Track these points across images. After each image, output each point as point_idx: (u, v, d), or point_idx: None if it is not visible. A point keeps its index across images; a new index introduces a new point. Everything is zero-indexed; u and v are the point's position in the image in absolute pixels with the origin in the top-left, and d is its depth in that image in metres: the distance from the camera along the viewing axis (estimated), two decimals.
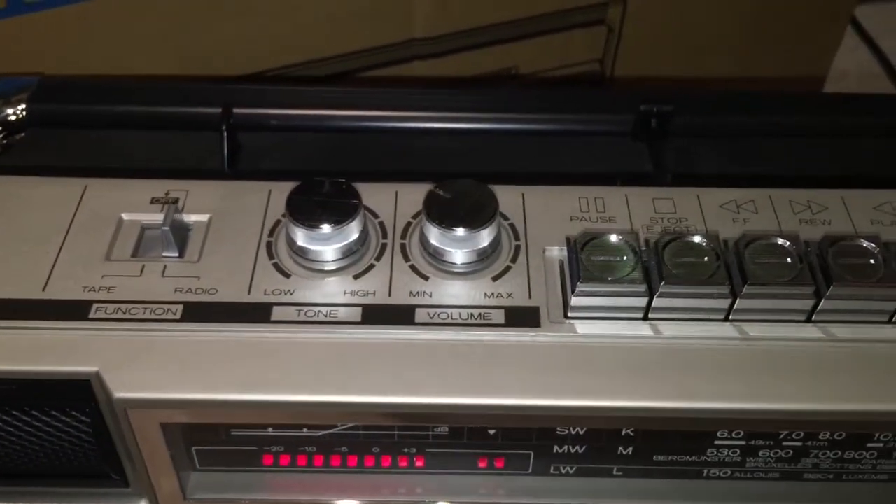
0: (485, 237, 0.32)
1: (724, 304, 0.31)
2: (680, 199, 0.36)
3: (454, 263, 0.33)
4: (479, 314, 0.32)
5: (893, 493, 0.35)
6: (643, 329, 0.31)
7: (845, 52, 0.95)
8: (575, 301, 0.31)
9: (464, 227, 0.32)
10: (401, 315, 0.31)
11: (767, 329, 0.31)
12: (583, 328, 0.31)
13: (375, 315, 0.31)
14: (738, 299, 0.31)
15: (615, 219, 0.35)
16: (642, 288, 0.31)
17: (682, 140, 0.39)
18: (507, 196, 0.35)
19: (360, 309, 0.32)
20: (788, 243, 0.31)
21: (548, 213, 0.35)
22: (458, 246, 0.32)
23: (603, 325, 0.31)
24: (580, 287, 0.31)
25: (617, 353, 0.31)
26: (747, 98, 0.40)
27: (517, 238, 0.34)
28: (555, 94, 0.41)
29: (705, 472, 0.34)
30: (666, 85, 0.67)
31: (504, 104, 0.40)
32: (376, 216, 0.35)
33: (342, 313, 0.32)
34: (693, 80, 0.70)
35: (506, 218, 0.35)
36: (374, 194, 0.35)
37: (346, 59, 0.57)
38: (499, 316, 0.32)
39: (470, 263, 0.33)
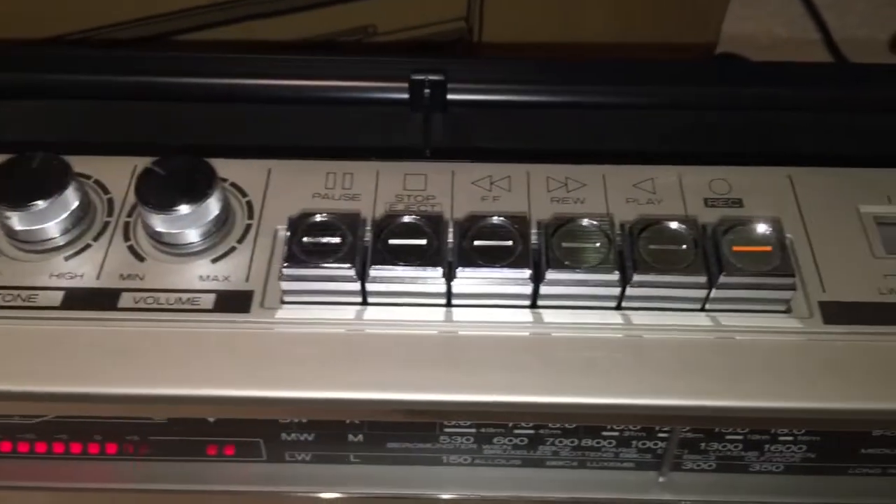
0: (202, 216, 0.31)
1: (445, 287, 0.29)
2: (434, 174, 0.34)
3: (172, 244, 0.31)
4: (189, 299, 0.30)
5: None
6: (348, 313, 0.29)
7: (788, 19, 0.94)
8: (285, 286, 0.30)
9: (174, 205, 0.30)
10: (104, 299, 0.30)
11: (573, 315, 0.29)
12: (296, 314, 0.30)
13: (78, 299, 0.30)
14: (540, 285, 0.29)
15: (360, 196, 0.33)
16: (351, 272, 0.29)
17: (458, 111, 0.38)
18: (252, 171, 0.34)
19: (62, 293, 0.30)
20: (598, 223, 0.29)
21: (291, 190, 0.33)
22: (173, 226, 0.30)
23: (318, 309, 0.29)
24: (286, 271, 0.29)
25: (327, 341, 0.29)
26: (526, 67, 0.38)
27: (251, 216, 0.33)
28: (331, 60, 0.39)
29: (444, 458, 0.33)
30: (533, 51, 0.65)
31: (276, 69, 0.38)
32: (107, 192, 0.33)
33: (42, 297, 0.30)
34: (570, 46, 0.68)
35: (244, 195, 0.33)
36: (110, 168, 0.33)
37: (163, 20, 0.54)
38: (208, 301, 0.30)
39: (189, 244, 0.31)
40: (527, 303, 0.30)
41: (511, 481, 0.33)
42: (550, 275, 0.29)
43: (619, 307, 0.30)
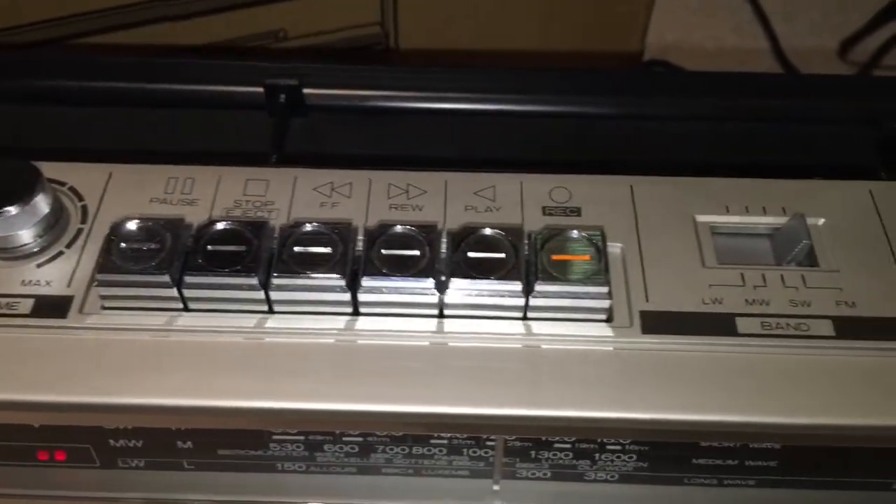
0: (26, 219, 0.30)
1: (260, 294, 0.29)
2: (276, 180, 0.34)
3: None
4: (7, 303, 0.30)
5: None
6: (164, 319, 0.29)
7: (737, 26, 0.94)
8: (101, 291, 0.29)
9: None
10: None
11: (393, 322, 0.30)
12: (114, 320, 0.30)
13: None
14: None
15: (197, 201, 0.33)
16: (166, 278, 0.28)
17: (315, 116, 0.38)
18: (92, 175, 0.33)
19: None
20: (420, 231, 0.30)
21: (130, 194, 0.33)
22: None
23: (136, 315, 0.29)
24: (100, 277, 0.29)
25: (142, 347, 0.29)
26: (382, 73, 0.38)
27: (84, 221, 0.33)
28: (189, 64, 0.39)
29: (279, 465, 0.33)
30: (450, 57, 0.65)
31: (137, 73, 0.38)
32: None
33: None
34: (491, 53, 0.68)
35: (80, 199, 0.33)
36: None
37: (68, 23, 0.54)
38: (27, 306, 0.30)
39: (14, 248, 0.30)
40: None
41: (346, 489, 0.33)
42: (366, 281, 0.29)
43: (441, 315, 0.30)
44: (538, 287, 0.29)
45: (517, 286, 0.29)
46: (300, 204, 0.33)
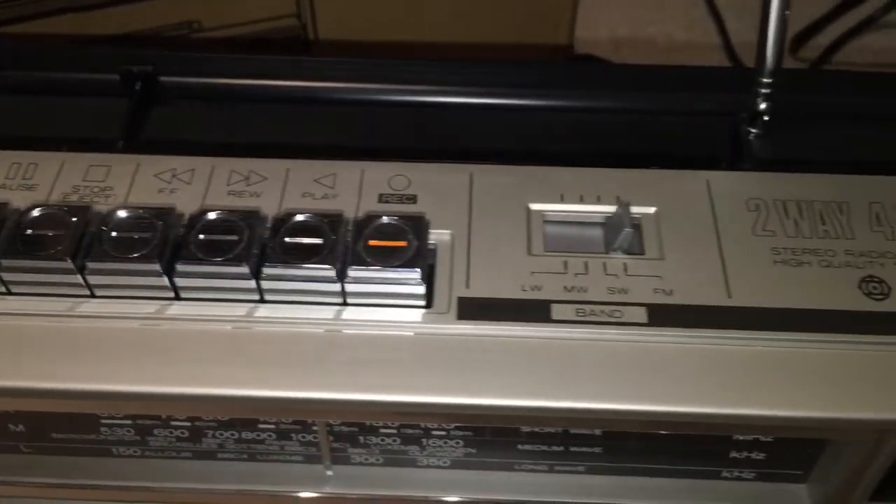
0: None
1: None
2: (119, 166, 0.34)
3: None
4: None
5: None
6: None
7: (690, 22, 0.94)
8: None
9: None
10: None
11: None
12: None
13: None
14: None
15: (36, 186, 0.33)
16: None
17: (175, 103, 0.38)
18: None
19: None
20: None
21: None
22: None
23: None
24: None
25: None
26: (238, 61, 0.38)
27: None
28: (45, 49, 0.39)
29: (114, 450, 0.33)
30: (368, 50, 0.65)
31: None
32: None
33: None
34: (414, 46, 0.68)
35: None
36: None
37: None
38: None
39: None
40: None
41: (181, 473, 0.33)
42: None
43: (262, 300, 0.30)
44: (351, 272, 0.29)
45: (330, 271, 0.29)
46: (138, 190, 0.33)
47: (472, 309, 0.30)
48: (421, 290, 0.29)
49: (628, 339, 0.29)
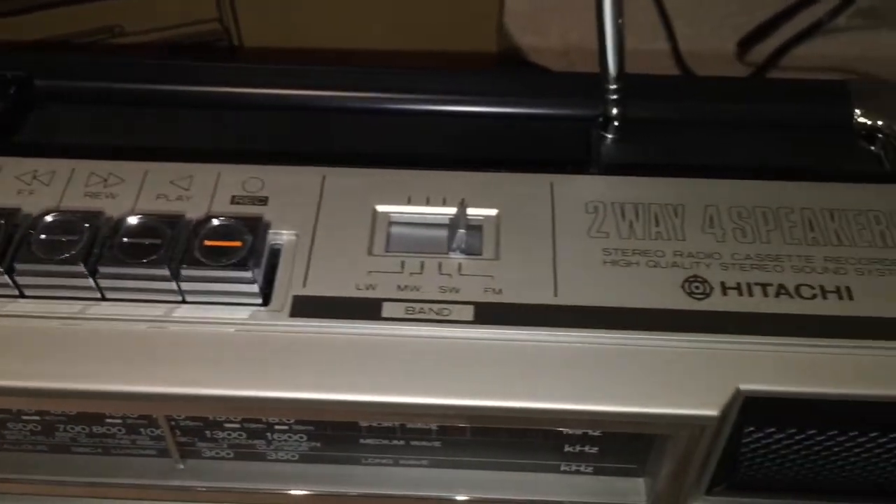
0: None
1: None
2: None
3: None
4: None
5: None
6: None
7: (640, 28, 0.95)
8: None
9: None
10: None
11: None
12: None
13: None
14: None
15: None
16: None
17: (47, 106, 0.39)
18: None
19: None
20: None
21: None
22: None
23: None
24: None
25: None
26: (111, 64, 0.39)
27: None
28: None
29: None
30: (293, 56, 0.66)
31: None
32: None
33: None
34: (342, 53, 0.69)
35: None
36: None
37: None
38: None
39: None
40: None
41: (33, 466, 0.34)
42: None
43: (104, 298, 0.31)
44: (184, 271, 0.30)
45: (164, 271, 0.30)
46: None
47: (305, 307, 0.31)
48: (253, 288, 0.30)
49: (454, 336, 0.30)
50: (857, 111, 0.39)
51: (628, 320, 0.31)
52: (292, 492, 0.34)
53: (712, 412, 0.29)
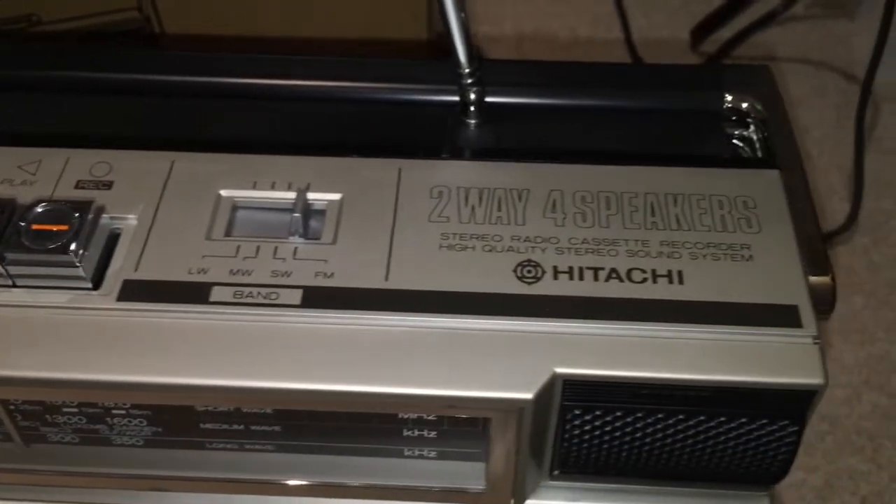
0: None
1: None
2: None
3: None
4: None
5: None
6: None
7: (595, 17, 0.95)
8: None
9: None
10: None
11: None
12: None
13: None
14: None
15: None
16: None
17: None
18: None
19: None
20: None
21: None
22: None
23: None
24: None
25: None
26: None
27: None
28: None
29: None
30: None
31: None
32: None
33: None
34: (269, 40, 0.69)
35: None
36: None
37: None
38: None
39: None
40: None
41: None
42: None
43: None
44: (10, 256, 0.30)
45: None
46: None
47: (134, 291, 0.31)
48: (79, 272, 0.30)
49: (279, 319, 0.30)
50: (728, 96, 0.39)
51: (456, 304, 0.31)
52: (137, 472, 0.34)
53: (526, 395, 0.29)
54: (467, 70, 0.35)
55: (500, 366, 0.29)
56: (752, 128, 0.39)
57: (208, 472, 0.34)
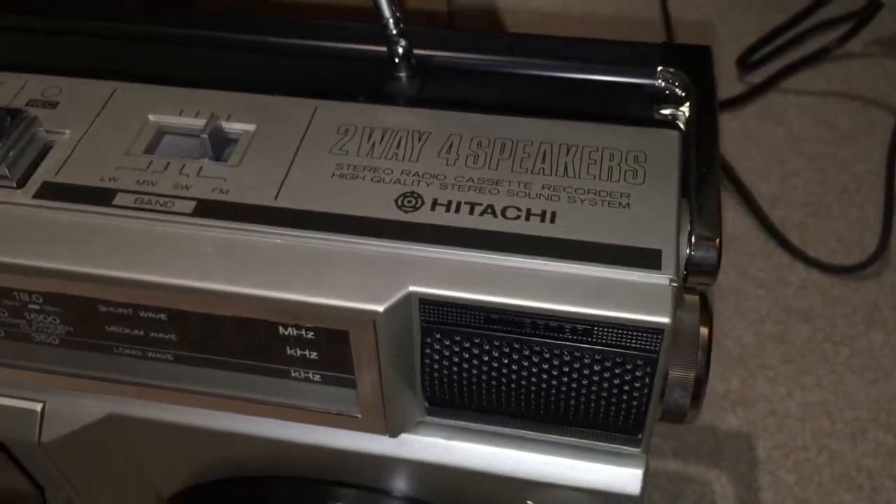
0: None
1: None
2: None
3: None
4: None
5: None
6: None
7: None
8: None
9: None
10: None
11: None
12: None
13: None
14: None
15: None
16: None
17: None
18: None
19: None
20: None
21: None
22: None
23: None
24: None
25: None
26: None
27: None
28: None
29: None
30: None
31: None
32: None
33: None
34: (297, 7, 0.71)
35: None
36: None
37: None
38: None
39: None
40: None
41: None
42: None
43: None
44: None
45: None
46: None
47: (49, 191, 0.34)
48: (3, 171, 0.34)
49: (170, 225, 0.33)
50: (659, 70, 0.40)
51: (334, 224, 0.32)
52: (51, 374, 0.37)
53: (377, 307, 0.30)
54: (390, 20, 0.37)
55: (359, 280, 0.31)
56: (677, 102, 0.39)
57: (117, 375, 0.36)
